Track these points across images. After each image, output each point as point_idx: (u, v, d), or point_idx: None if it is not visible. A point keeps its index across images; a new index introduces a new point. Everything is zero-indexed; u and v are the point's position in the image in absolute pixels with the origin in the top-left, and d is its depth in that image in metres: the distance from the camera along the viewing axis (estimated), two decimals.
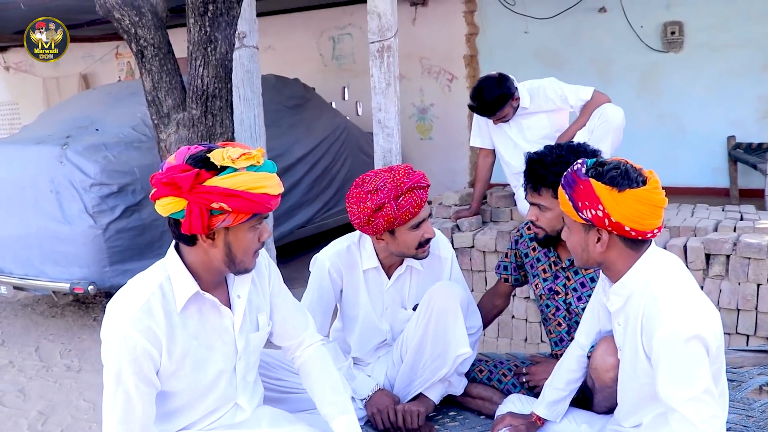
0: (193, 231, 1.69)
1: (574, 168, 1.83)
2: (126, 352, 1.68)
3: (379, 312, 2.59)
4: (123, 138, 5.07)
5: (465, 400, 2.69)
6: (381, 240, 2.41)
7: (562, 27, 7.28)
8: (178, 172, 1.65)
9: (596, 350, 2.09)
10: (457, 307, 2.37)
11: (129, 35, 3.42)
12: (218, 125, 3.49)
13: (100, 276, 4.65)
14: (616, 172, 1.74)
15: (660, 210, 1.76)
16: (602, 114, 3.77)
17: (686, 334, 1.65)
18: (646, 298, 1.77)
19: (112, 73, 10.60)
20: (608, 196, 1.73)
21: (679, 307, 1.70)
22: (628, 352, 1.87)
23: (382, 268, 2.53)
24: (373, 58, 4.67)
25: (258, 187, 1.69)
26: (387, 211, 2.27)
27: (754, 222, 3.72)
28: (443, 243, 2.60)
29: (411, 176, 2.32)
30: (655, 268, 1.81)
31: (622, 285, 1.85)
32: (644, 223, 1.75)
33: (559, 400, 2.23)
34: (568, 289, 2.45)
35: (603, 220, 1.75)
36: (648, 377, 1.78)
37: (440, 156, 8.27)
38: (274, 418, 2.01)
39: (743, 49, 6.66)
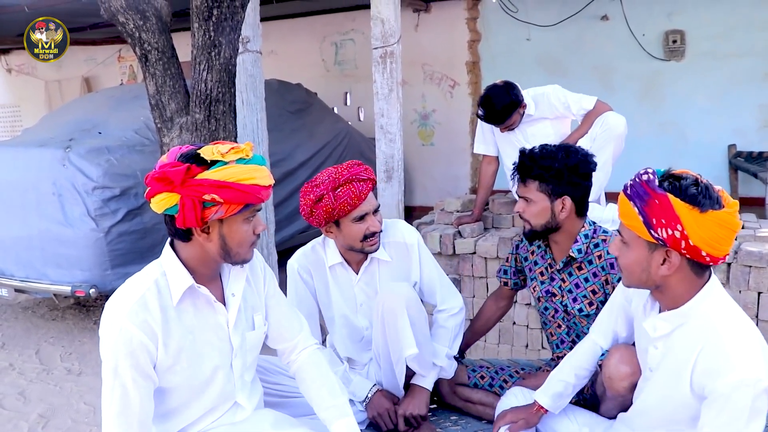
0: (187, 224, 1.73)
1: (642, 177, 1.66)
2: (122, 345, 1.70)
3: (354, 309, 2.61)
4: (126, 141, 5.08)
5: (467, 405, 2.70)
6: (330, 233, 2.46)
7: (565, 34, 7.30)
8: (170, 167, 1.70)
9: (610, 358, 2.07)
10: (402, 309, 2.37)
11: (133, 39, 3.42)
12: (221, 129, 3.50)
13: (101, 279, 4.65)
14: (696, 189, 1.59)
15: (734, 234, 1.62)
16: (604, 122, 3.78)
17: (757, 386, 1.55)
18: (706, 335, 1.64)
19: (114, 76, 10.62)
20: (689, 216, 1.58)
21: (750, 353, 1.59)
22: (665, 378, 1.77)
23: (348, 263, 2.56)
24: (376, 64, 4.68)
25: (248, 178, 1.73)
26: (325, 202, 2.32)
27: (755, 230, 3.73)
28: (407, 230, 2.60)
29: (351, 169, 2.36)
30: (717, 300, 1.68)
31: (678, 314, 1.71)
32: (720, 249, 1.60)
33: (563, 393, 2.22)
34: (563, 291, 2.47)
35: (680, 242, 1.59)
36: (684, 409, 1.71)
37: (442, 162, 8.29)
38: (276, 420, 2.02)
39: (745, 58, 6.69)
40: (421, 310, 2.47)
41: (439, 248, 4.19)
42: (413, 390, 2.57)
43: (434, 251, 4.22)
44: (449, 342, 2.61)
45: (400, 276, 2.57)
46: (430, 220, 4.65)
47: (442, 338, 2.61)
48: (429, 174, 8.39)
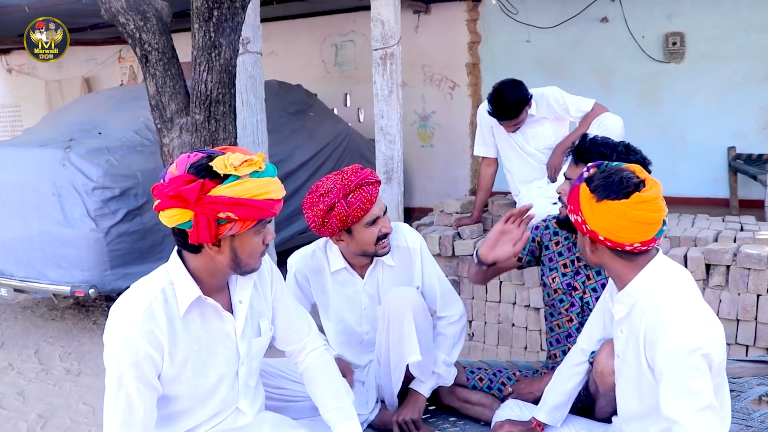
0: (201, 241, 1.71)
1: (583, 170, 1.85)
2: (128, 355, 1.69)
3: (358, 314, 2.60)
4: (126, 142, 5.08)
5: (464, 406, 2.70)
6: (341, 241, 2.44)
7: (564, 36, 7.31)
8: (182, 183, 1.65)
9: (600, 354, 2.09)
10: (409, 313, 2.37)
11: (133, 39, 3.43)
12: (221, 130, 3.50)
13: (101, 279, 4.65)
14: (603, 181, 1.74)
15: (642, 226, 1.72)
16: (601, 123, 3.77)
17: (689, 347, 1.64)
18: (650, 310, 1.75)
19: (114, 76, 10.62)
20: (587, 203, 1.76)
21: (683, 319, 1.69)
22: (630, 362, 1.86)
23: (353, 268, 2.55)
24: (376, 65, 4.69)
25: (263, 194, 1.71)
26: (338, 210, 2.30)
27: (754, 233, 3.73)
28: (410, 234, 2.60)
29: (358, 174, 2.36)
30: (660, 279, 1.79)
31: (626, 294, 1.84)
32: (620, 236, 1.73)
33: (560, 404, 2.23)
34: (586, 288, 2.44)
35: (581, 225, 1.79)
36: (652, 389, 1.77)
37: (441, 163, 8.29)
38: (275, 423, 2.02)
39: (744, 60, 6.69)
40: (427, 316, 2.46)
41: (439, 250, 4.19)
42: (410, 395, 2.56)
43: (434, 253, 4.22)
44: (448, 349, 2.60)
45: (403, 281, 2.56)
46: (430, 222, 4.66)
47: (442, 345, 2.60)
48: (428, 175, 8.39)
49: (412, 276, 2.58)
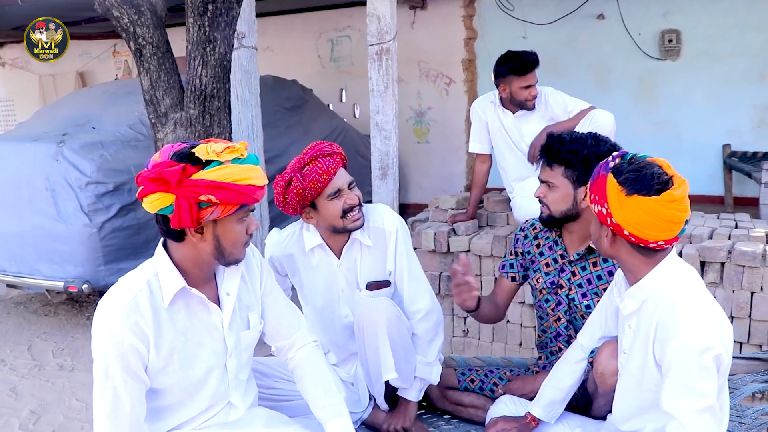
0: (182, 225, 1.71)
1: (608, 158, 1.79)
2: (113, 347, 1.69)
3: (336, 296, 2.53)
4: (120, 137, 5.06)
5: (457, 409, 2.67)
6: (311, 219, 2.40)
7: (561, 33, 7.30)
8: (165, 167, 1.67)
9: (601, 354, 2.07)
10: (383, 328, 2.33)
11: (127, 33, 3.41)
12: (216, 125, 3.48)
13: (94, 275, 4.63)
14: (633, 174, 1.69)
15: (668, 224, 1.68)
16: (592, 120, 3.73)
17: (700, 347, 1.63)
18: (663, 305, 1.73)
19: (109, 71, 10.58)
20: (615, 196, 1.70)
21: (697, 318, 1.67)
22: (636, 357, 1.84)
23: (329, 248, 2.49)
24: (372, 61, 4.67)
25: (244, 179, 1.72)
26: (295, 185, 2.28)
27: (748, 230, 3.73)
28: (388, 216, 2.51)
29: (315, 147, 2.33)
30: (674, 276, 1.77)
31: (639, 288, 1.81)
32: (645, 233, 1.70)
33: (557, 401, 2.22)
34: (572, 285, 2.39)
35: (606, 218, 1.74)
36: (655, 385, 1.76)
37: (437, 159, 8.28)
38: (269, 419, 2.01)
39: (740, 58, 6.70)
40: (402, 325, 2.42)
41: (434, 246, 4.18)
42: (399, 404, 2.54)
43: (428, 249, 4.21)
44: (424, 350, 2.52)
45: (380, 263, 2.50)
46: (425, 218, 4.65)
47: (417, 347, 2.52)
48: (424, 171, 8.38)
49: (386, 259, 2.51)
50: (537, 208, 3.81)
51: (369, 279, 2.50)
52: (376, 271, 2.51)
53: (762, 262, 3.39)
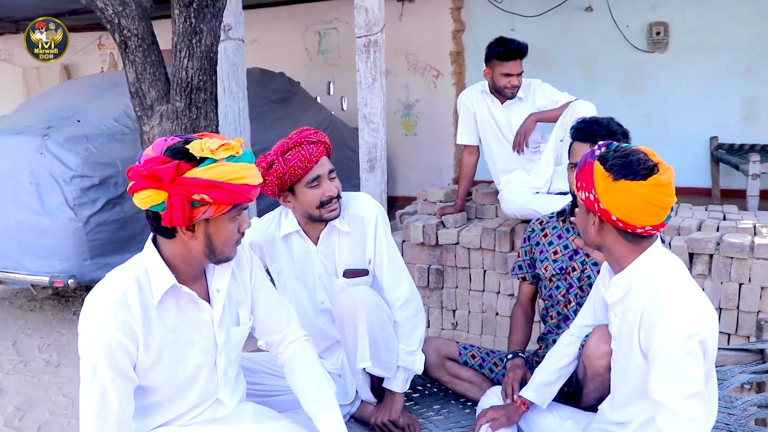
0: (174, 223, 1.68)
1: (595, 147, 1.83)
2: (101, 345, 1.66)
3: (312, 282, 2.52)
4: (105, 130, 5.01)
5: (453, 381, 2.67)
6: (288, 203, 2.40)
7: (549, 25, 7.30)
8: (158, 164, 1.63)
9: (591, 338, 2.09)
10: (362, 317, 2.33)
11: (112, 25, 3.37)
12: (202, 118, 3.45)
13: (80, 269, 4.59)
14: (620, 161, 1.72)
15: (655, 209, 1.71)
16: (573, 111, 3.69)
17: (686, 333, 1.64)
18: (647, 293, 1.75)
19: (94, 64, 10.48)
20: (602, 182, 1.73)
21: (682, 305, 1.69)
22: (623, 345, 1.86)
23: (306, 234, 2.48)
24: (360, 53, 4.64)
25: (238, 178, 1.69)
26: (276, 167, 2.29)
27: (736, 222, 3.74)
28: (368, 204, 2.50)
29: (301, 133, 2.33)
30: (659, 264, 1.80)
31: (624, 276, 1.83)
32: (633, 218, 1.72)
33: (549, 383, 2.24)
34: (587, 264, 2.44)
35: (593, 204, 1.76)
36: (641, 372, 1.78)
37: (425, 152, 8.27)
38: (256, 414, 1.99)
39: (727, 51, 6.72)
40: (381, 314, 2.40)
41: (422, 239, 4.17)
42: (385, 396, 2.52)
43: (417, 242, 4.20)
44: (405, 339, 2.50)
45: (358, 250, 2.49)
46: (413, 211, 4.63)
47: (399, 335, 2.50)
48: (412, 164, 8.36)
49: (365, 247, 2.50)
50: (524, 200, 3.85)
51: (347, 266, 2.50)
52: (354, 259, 2.50)
53: (750, 253, 3.40)
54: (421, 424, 2.55)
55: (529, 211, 3.76)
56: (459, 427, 2.53)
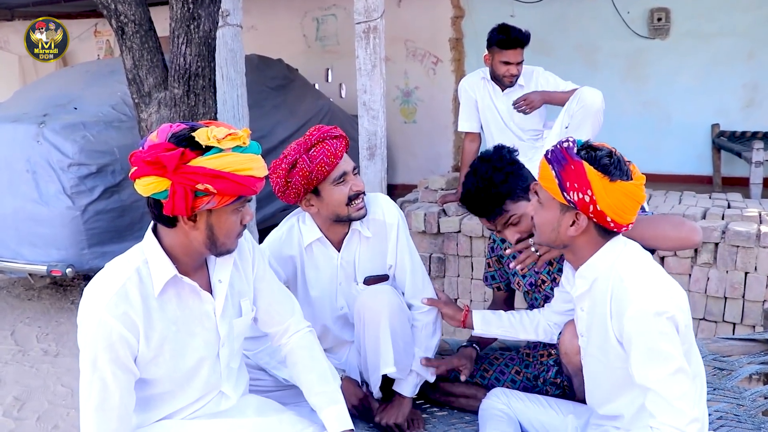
0: (176, 212, 1.63)
1: (563, 144, 1.78)
2: (101, 338, 1.62)
3: (334, 289, 2.46)
4: (102, 117, 4.96)
5: (449, 399, 2.63)
6: (311, 206, 2.30)
7: (549, 11, 7.22)
8: (162, 150, 1.59)
9: (564, 335, 2.09)
10: (385, 319, 2.27)
11: (109, 11, 3.32)
12: (201, 105, 3.40)
13: (78, 258, 4.55)
14: (608, 161, 1.71)
15: (637, 206, 1.75)
16: (580, 98, 3.66)
17: (654, 310, 1.65)
18: (612, 281, 1.76)
19: (90, 51, 10.38)
20: (599, 183, 1.70)
21: (645, 285, 1.70)
22: (595, 338, 1.85)
23: (329, 240, 2.41)
24: (359, 39, 4.58)
25: (244, 169, 1.65)
26: (301, 166, 2.17)
27: (741, 210, 3.72)
28: (388, 207, 2.43)
29: (320, 129, 2.25)
30: (620, 251, 1.81)
31: (588, 267, 1.83)
32: (624, 217, 1.74)
33: (495, 319, 2.37)
34: (554, 273, 2.35)
35: (588, 206, 1.72)
36: (621, 362, 1.77)
37: (424, 139, 8.21)
38: (260, 406, 1.96)
39: (729, 37, 6.66)
40: (403, 317, 2.37)
41: (424, 227, 4.14)
42: (394, 398, 2.46)
43: (418, 230, 4.17)
44: (422, 344, 2.47)
45: (378, 255, 2.44)
46: (414, 198, 4.60)
47: (416, 339, 2.46)
48: (411, 152, 8.30)
49: (386, 252, 2.44)
50: None
51: (367, 272, 2.44)
52: (374, 265, 2.44)
53: (756, 242, 3.37)
54: (425, 419, 2.52)
55: None
56: (462, 423, 2.50)
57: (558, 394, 2.38)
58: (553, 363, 2.43)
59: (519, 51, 3.84)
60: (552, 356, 2.45)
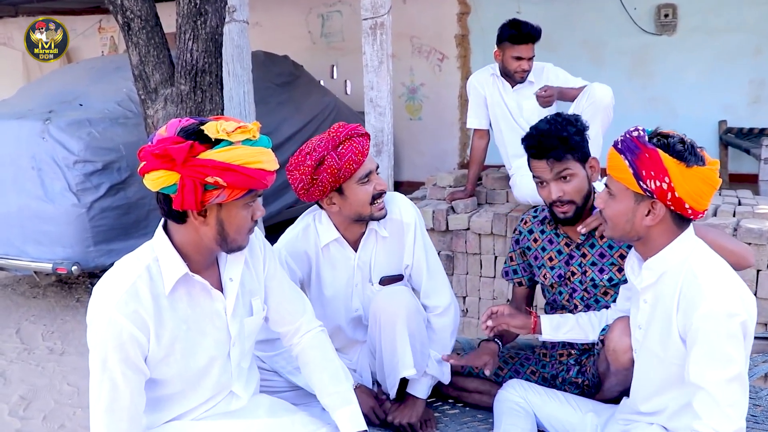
0: (185, 207, 1.61)
1: (632, 134, 1.76)
2: (111, 337, 1.60)
3: (350, 290, 2.44)
4: (108, 114, 4.93)
5: (462, 395, 2.61)
6: (333, 205, 2.26)
7: (555, 7, 7.20)
8: (171, 144, 1.57)
9: (612, 331, 2.03)
10: (402, 321, 2.25)
11: (115, 6, 3.30)
12: (208, 101, 3.38)
13: (84, 256, 4.53)
14: (682, 147, 1.70)
15: (713, 190, 1.73)
16: (590, 94, 3.63)
17: (727, 312, 1.61)
18: (684, 276, 1.72)
19: (95, 48, 10.36)
20: (676, 169, 1.69)
21: (722, 286, 1.66)
22: (656, 332, 1.82)
23: (346, 240, 2.38)
24: (366, 36, 4.55)
25: (254, 162, 1.63)
26: (329, 163, 2.14)
27: (752, 207, 3.68)
28: (406, 207, 2.41)
29: (346, 126, 2.23)
30: (694, 246, 1.78)
31: (659, 259, 1.79)
32: (701, 202, 1.72)
33: (562, 323, 2.27)
34: (585, 266, 2.32)
35: (666, 193, 1.70)
36: (679, 359, 1.74)
37: (430, 136, 8.19)
38: (272, 407, 1.94)
39: (736, 33, 6.63)
40: (419, 318, 2.35)
41: (432, 224, 4.11)
42: (407, 399, 2.44)
43: (427, 227, 4.13)
44: (439, 346, 2.45)
45: (395, 256, 2.42)
46: (422, 196, 4.57)
47: (432, 341, 2.44)
48: (417, 149, 8.29)
49: (403, 252, 2.42)
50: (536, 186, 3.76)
51: (383, 273, 2.42)
52: (390, 265, 2.42)
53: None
54: (437, 418, 2.50)
55: None
56: (475, 421, 2.47)
57: (577, 394, 2.34)
58: (574, 362, 2.41)
59: (531, 46, 3.81)
60: (572, 356, 2.42)
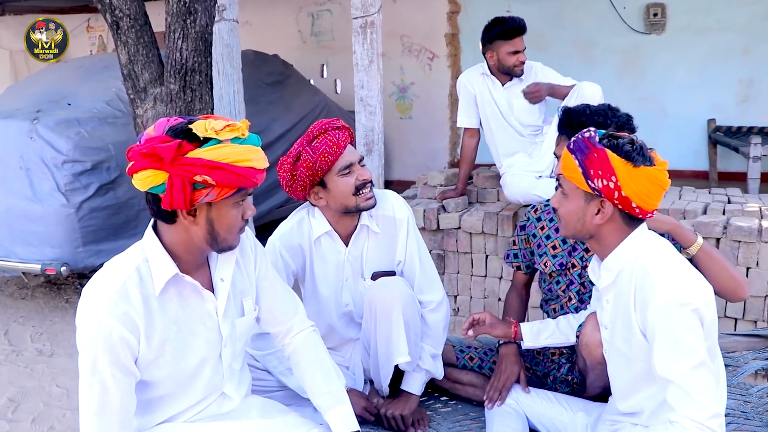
0: (174, 206, 1.60)
1: (585, 134, 1.80)
2: (101, 339, 1.58)
3: (340, 285, 2.45)
4: (97, 113, 4.90)
5: (455, 387, 2.61)
6: (320, 199, 2.29)
7: (545, 7, 7.21)
8: (159, 143, 1.56)
9: (585, 327, 2.07)
10: (398, 311, 2.25)
11: (103, 5, 3.27)
12: (197, 100, 3.37)
13: (73, 257, 4.50)
14: (631, 147, 1.73)
15: (661, 191, 1.76)
16: (579, 93, 3.64)
17: (679, 302, 1.64)
18: (637, 272, 1.76)
19: (83, 47, 10.27)
20: (623, 169, 1.71)
21: (672, 277, 1.70)
22: (620, 330, 1.84)
23: (338, 234, 2.39)
24: (356, 34, 4.55)
25: (243, 160, 1.61)
26: (304, 158, 2.19)
27: (742, 205, 3.70)
28: (398, 204, 2.43)
29: (323, 121, 2.26)
30: (645, 242, 1.81)
31: (614, 258, 1.83)
32: (649, 202, 1.75)
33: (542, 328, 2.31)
34: (587, 261, 2.33)
35: (613, 192, 1.73)
36: (644, 354, 1.76)
37: (420, 135, 8.18)
38: (264, 408, 1.92)
39: (725, 32, 6.67)
40: (415, 308, 2.35)
41: (423, 223, 4.11)
42: (401, 395, 2.44)
43: (418, 226, 4.12)
44: (433, 341, 2.45)
45: (387, 252, 2.42)
46: (413, 195, 4.57)
47: (425, 336, 2.44)
48: (407, 148, 8.28)
49: (395, 249, 2.43)
50: (527, 186, 3.79)
51: (374, 268, 2.42)
52: (382, 261, 2.42)
53: (758, 237, 3.36)
54: (430, 416, 2.49)
55: (532, 197, 3.70)
56: (468, 420, 2.47)
57: (567, 392, 2.36)
58: (565, 360, 2.42)
59: (522, 38, 3.84)
60: (564, 354, 2.43)
